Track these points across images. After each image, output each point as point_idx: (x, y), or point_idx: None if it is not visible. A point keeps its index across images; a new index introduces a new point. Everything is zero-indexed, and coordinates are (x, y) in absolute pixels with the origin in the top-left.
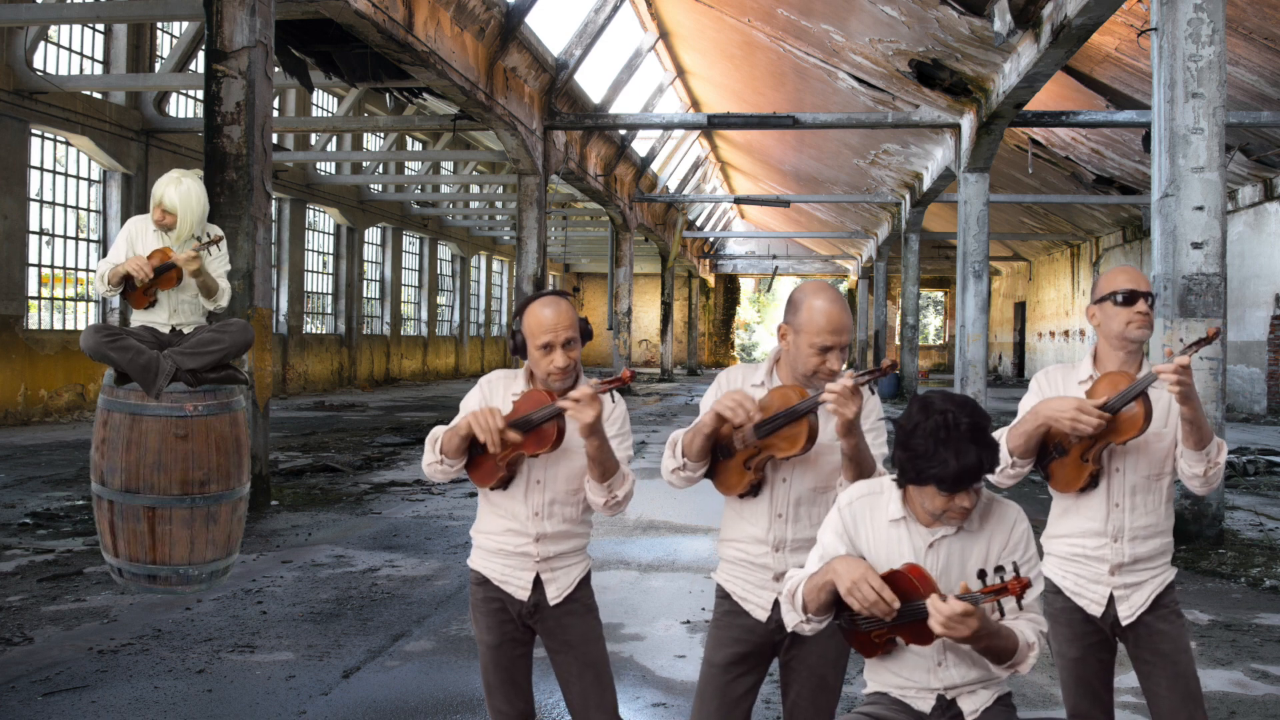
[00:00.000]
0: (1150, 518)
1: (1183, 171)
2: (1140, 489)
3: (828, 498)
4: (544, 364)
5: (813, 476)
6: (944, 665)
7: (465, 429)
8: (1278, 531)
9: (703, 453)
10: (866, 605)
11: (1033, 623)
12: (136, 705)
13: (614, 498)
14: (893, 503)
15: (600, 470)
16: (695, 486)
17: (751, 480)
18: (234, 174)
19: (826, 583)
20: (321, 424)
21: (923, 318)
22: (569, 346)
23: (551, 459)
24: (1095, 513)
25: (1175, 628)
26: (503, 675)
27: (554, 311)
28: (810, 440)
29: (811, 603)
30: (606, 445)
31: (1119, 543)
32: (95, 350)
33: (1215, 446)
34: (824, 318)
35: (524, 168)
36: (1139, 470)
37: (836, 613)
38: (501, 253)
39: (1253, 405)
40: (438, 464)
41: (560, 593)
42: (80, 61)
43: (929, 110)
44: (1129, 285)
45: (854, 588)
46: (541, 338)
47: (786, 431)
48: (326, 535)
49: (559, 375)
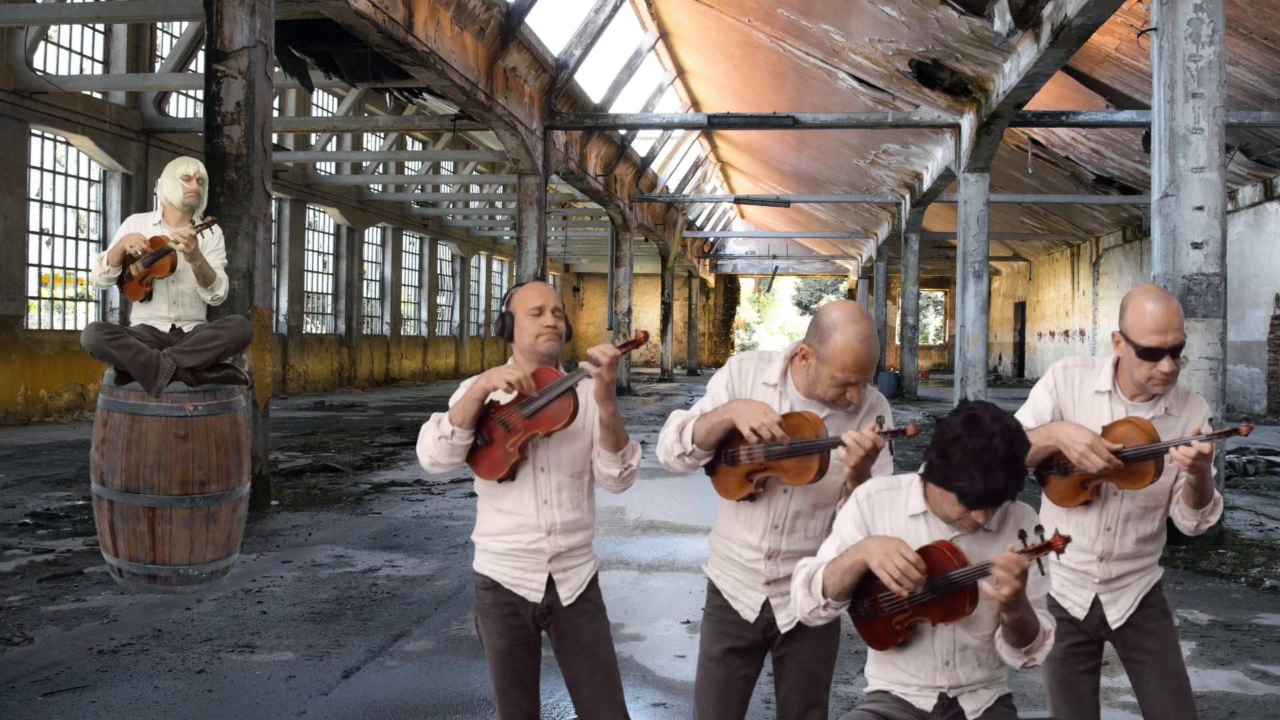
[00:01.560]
0: (1141, 543)
1: (1183, 171)
2: (1134, 517)
3: (826, 513)
4: (534, 327)
5: (815, 494)
6: (951, 665)
7: (481, 391)
8: (1278, 531)
9: (715, 445)
10: (899, 573)
11: (1046, 616)
12: (136, 705)
13: (628, 467)
14: (913, 498)
15: (614, 438)
16: (695, 486)
17: (751, 492)
18: (234, 174)
19: (856, 562)
20: (321, 424)
21: (923, 318)
22: (557, 314)
23: (555, 443)
24: (1087, 529)
25: (1163, 626)
26: (513, 679)
27: (542, 285)
28: (820, 474)
29: (833, 586)
30: (618, 412)
31: (1105, 563)
32: (96, 347)
33: (1212, 505)
34: (852, 358)
35: (524, 168)
36: (1136, 501)
37: (854, 603)
38: (501, 253)
39: (1253, 405)
40: (447, 438)
41: (573, 592)
42: (80, 61)
43: (929, 110)
44: (1154, 340)
45: (886, 559)
46: (533, 302)
47: (798, 462)
48: (326, 535)
49: (549, 335)
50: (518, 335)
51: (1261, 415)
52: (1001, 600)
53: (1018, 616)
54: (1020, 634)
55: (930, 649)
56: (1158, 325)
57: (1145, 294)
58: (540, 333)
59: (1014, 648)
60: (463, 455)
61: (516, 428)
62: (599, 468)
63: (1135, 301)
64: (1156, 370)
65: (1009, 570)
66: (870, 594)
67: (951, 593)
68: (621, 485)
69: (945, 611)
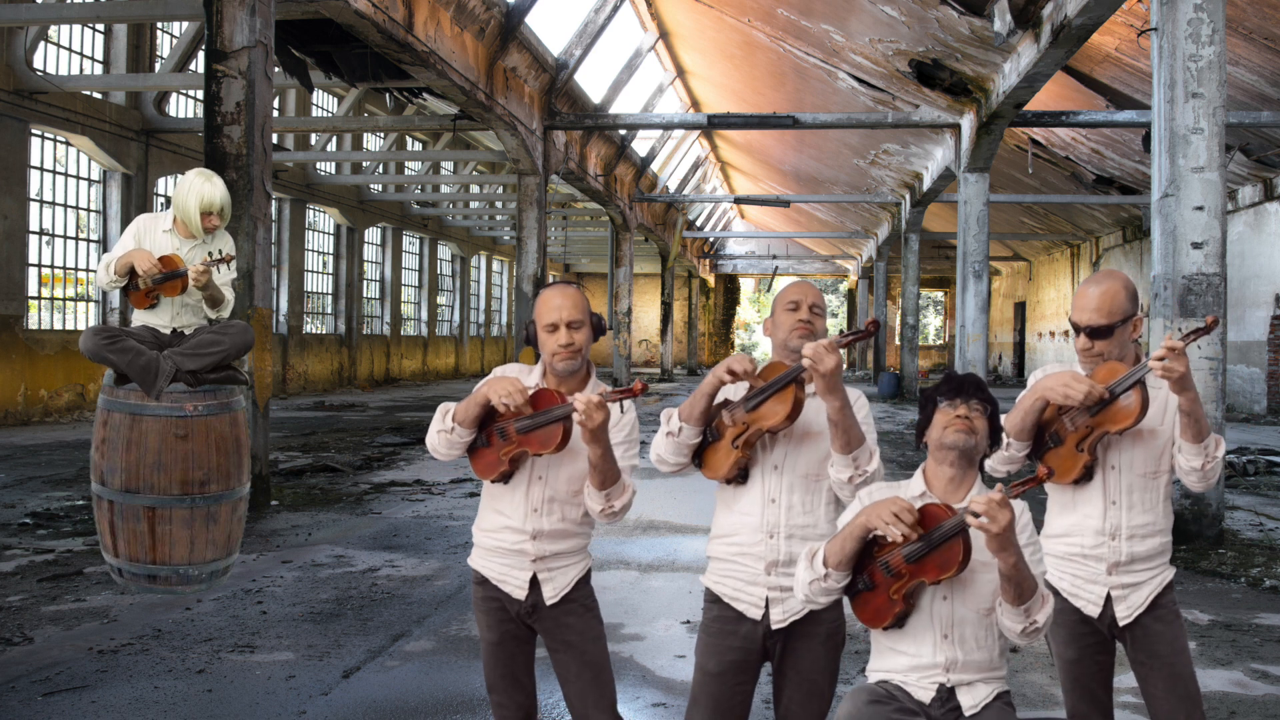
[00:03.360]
0: (1147, 516)
1: (1183, 171)
2: (1137, 487)
3: (821, 485)
4: (550, 343)
5: (805, 463)
6: (949, 639)
7: (483, 398)
8: (1278, 531)
9: (702, 417)
10: (896, 512)
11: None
12: (136, 705)
13: (610, 507)
14: (914, 484)
15: (600, 478)
16: (695, 486)
17: (740, 459)
18: (234, 174)
19: (856, 526)
20: (321, 424)
21: (923, 318)
22: (574, 328)
23: (555, 458)
24: (1092, 509)
25: (1173, 629)
26: (503, 671)
27: (560, 294)
28: (796, 408)
29: (834, 555)
30: (609, 454)
31: (1116, 541)
32: (94, 353)
33: (1213, 441)
34: (787, 290)
35: (524, 168)
36: (1135, 468)
37: (854, 579)
38: (501, 253)
39: (1253, 405)
40: (447, 432)
41: (557, 592)
42: (80, 61)
43: (929, 110)
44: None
45: (883, 509)
46: (548, 317)
47: (773, 401)
48: (326, 535)
49: (564, 354)
50: (540, 347)
51: (1261, 415)
52: (992, 532)
53: (1012, 563)
54: (1018, 587)
55: (929, 622)
56: (1081, 305)
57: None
58: (556, 352)
59: (1013, 606)
60: (461, 450)
61: (511, 439)
62: (585, 497)
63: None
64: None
65: (990, 502)
66: (868, 565)
67: (945, 543)
68: (605, 520)
69: (940, 564)
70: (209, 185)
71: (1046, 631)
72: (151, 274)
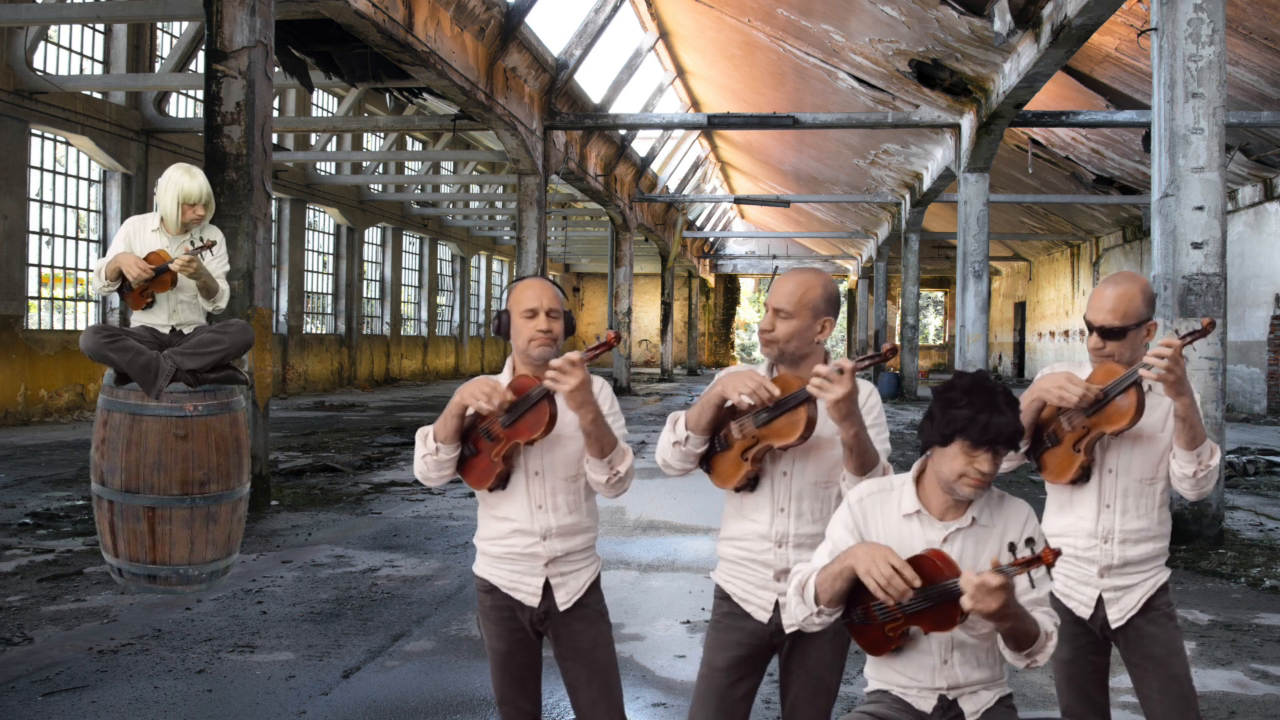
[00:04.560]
0: (1142, 522)
1: (1183, 171)
2: (1132, 492)
3: (830, 493)
4: (527, 329)
5: (814, 470)
6: (949, 664)
7: (458, 407)
8: (1278, 531)
9: (709, 426)
10: (884, 581)
11: (1049, 616)
12: (136, 705)
13: (616, 473)
14: (906, 497)
15: (598, 445)
16: (695, 486)
17: (749, 472)
18: (234, 174)
19: (844, 569)
20: (321, 424)
21: (923, 318)
22: (553, 317)
23: (547, 447)
24: (1087, 511)
25: (1167, 631)
26: (512, 680)
27: (538, 283)
28: (809, 428)
29: (825, 593)
30: (601, 418)
31: (1108, 544)
32: (94, 351)
33: (1208, 448)
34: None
35: (524, 168)
36: (1132, 473)
37: (848, 609)
38: (501, 253)
39: (1253, 405)
40: (432, 454)
41: (570, 597)
42: (80, 61)
43: (929, 110)
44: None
45: (872, 566)
46: (527, 303)
47: (785, 420)
48: (326, 535)
49: (541, 340)
50: (513, 336)
51: (1261, 415)
52: (983, 615)
53: (1008, 627)
54: (1017, 641)
55: (928, 649)
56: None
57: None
58: (533, 337)
59: (1014, 652)
60: (450, 469)
61: (499, 437)
62: (588, 474)
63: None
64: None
65: (981, 590)
66: (863, 601)
67: (943, 603)
68: (612, 491)
69: (936, 622)
70: (186, 178)
71: (1059, 624)
72: (140, 276)
